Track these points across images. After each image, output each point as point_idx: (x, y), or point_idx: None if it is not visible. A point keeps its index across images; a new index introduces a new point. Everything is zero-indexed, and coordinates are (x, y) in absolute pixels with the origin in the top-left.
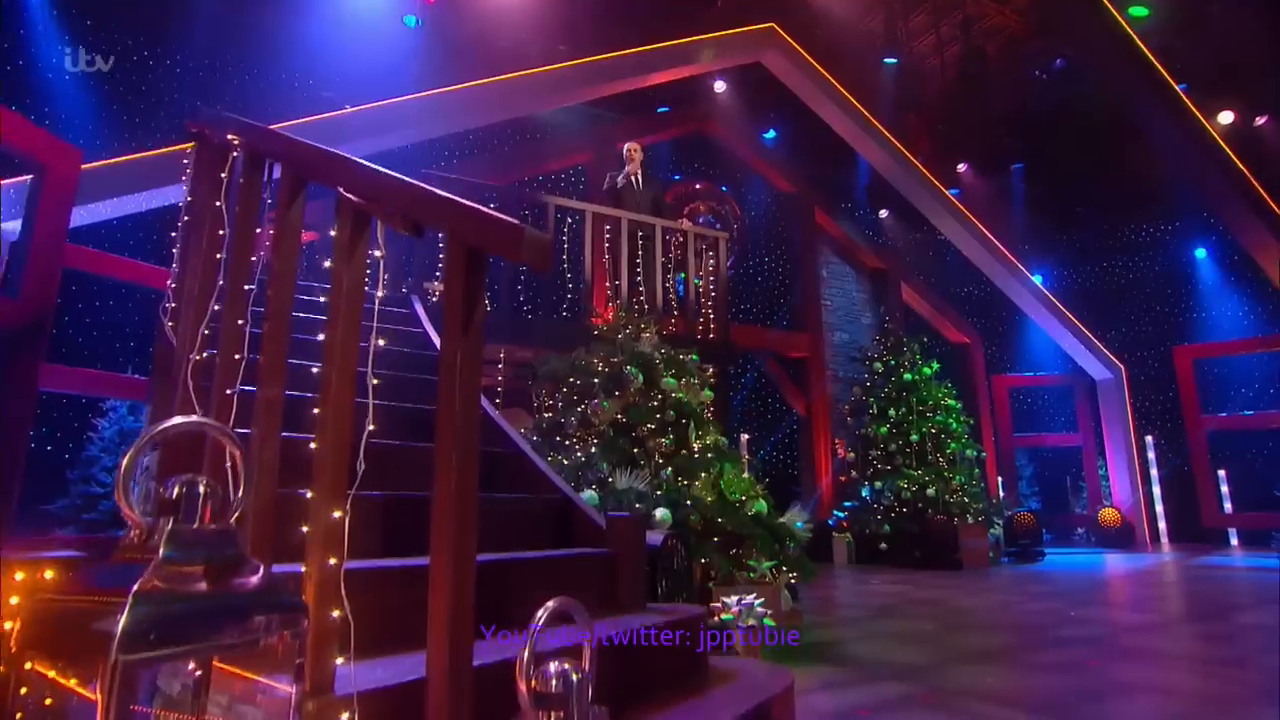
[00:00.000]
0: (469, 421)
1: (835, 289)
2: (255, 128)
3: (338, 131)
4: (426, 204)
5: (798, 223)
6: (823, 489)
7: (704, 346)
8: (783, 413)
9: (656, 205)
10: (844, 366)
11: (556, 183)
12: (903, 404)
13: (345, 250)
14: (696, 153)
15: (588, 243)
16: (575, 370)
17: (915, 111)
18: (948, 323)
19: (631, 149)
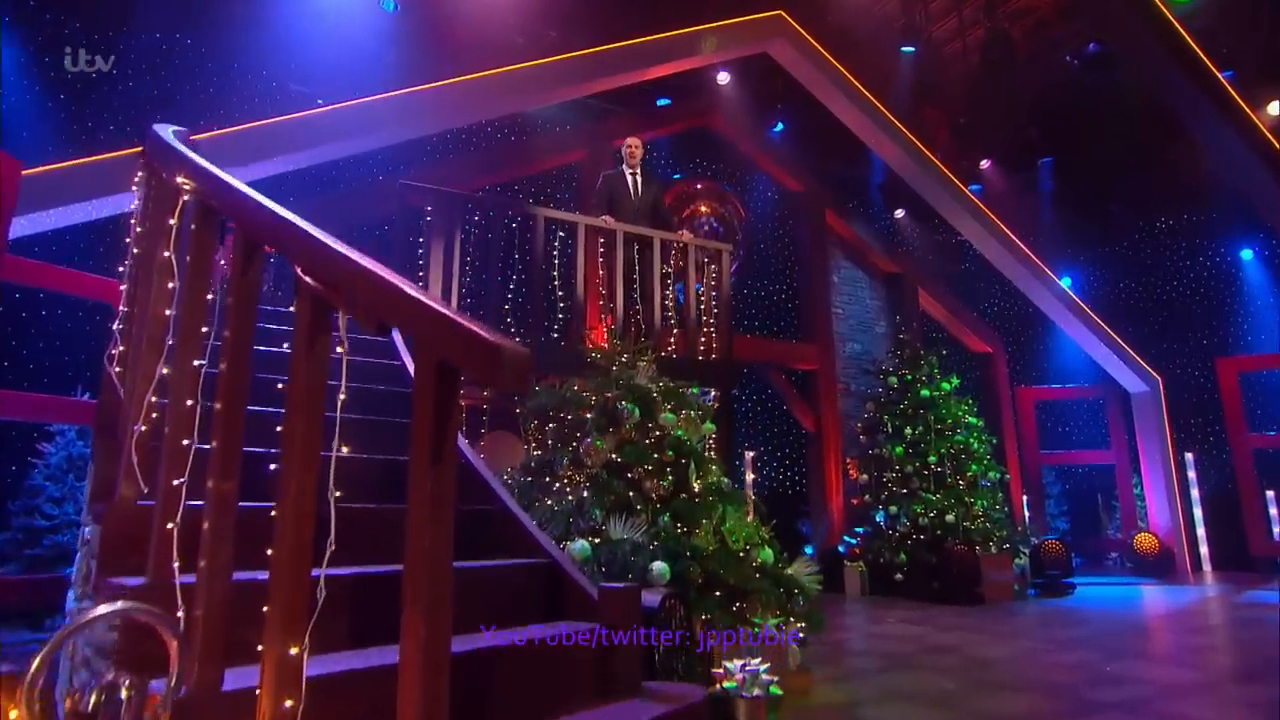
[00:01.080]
0: (441, 561)
1: (847, 296)
2: (207, 175)
3: (308, 133)
4: (394, 303)
5: (806, 224)
6: (833, 512)
7: (705, 367)
8: (789, 428)
9: (656, 209)
10: (856, 379)
11: (547, 183)
12: (919, 422)
13: (304, 339)
14: (698, 149)
15: (580, 257)
16: (566, 403)
17: (934, 103)
18: (968, 331)
19: (632, 145)
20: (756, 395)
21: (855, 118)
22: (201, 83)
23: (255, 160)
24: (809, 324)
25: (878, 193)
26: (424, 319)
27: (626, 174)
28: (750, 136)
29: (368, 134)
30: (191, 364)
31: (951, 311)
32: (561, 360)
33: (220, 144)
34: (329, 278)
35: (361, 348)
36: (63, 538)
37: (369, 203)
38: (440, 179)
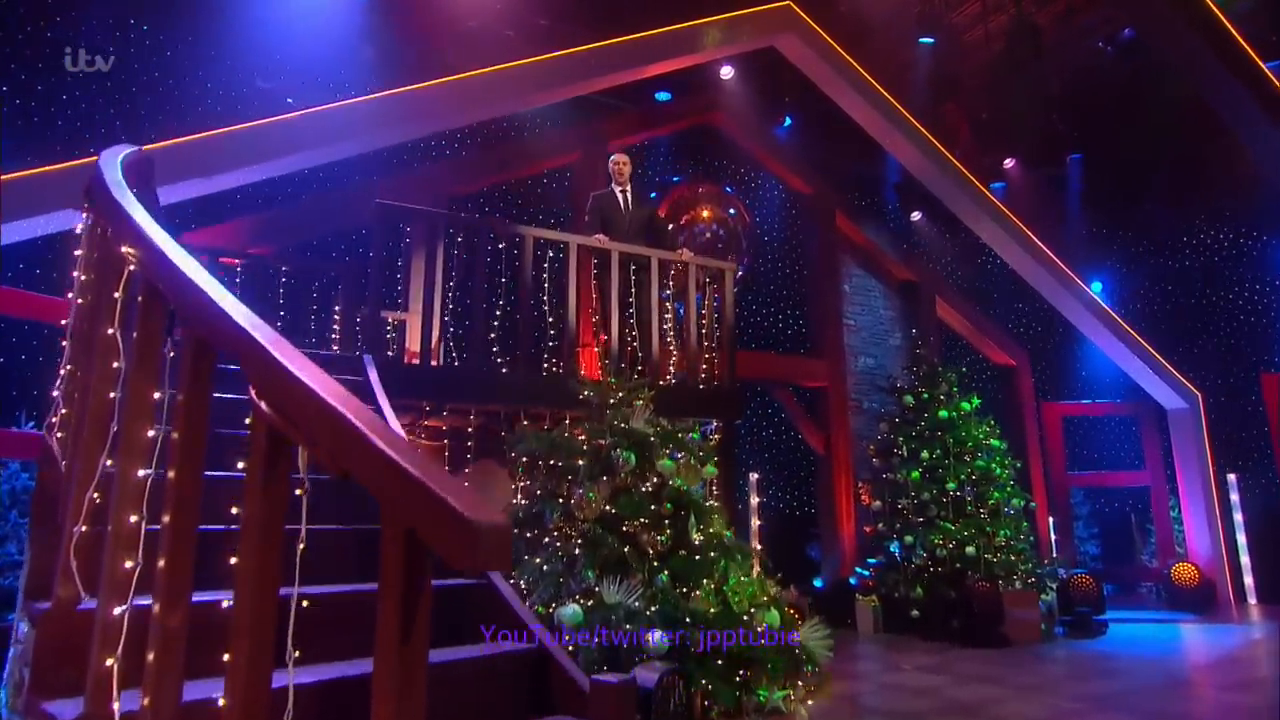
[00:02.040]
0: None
1: (859, 306)
2: (155, 251)
3: (277, 139)
4: (360, 452)
5: (816, 228)
6: (844, 540)
7: (707, 397)
8: (797, 448)
9: (651, 226)
10: (869, 396)
11: (537, 186)
12: (937, 445)
13: (259, 471)
14: (699, 149)
15: (572, 280)
16: (556, 448)
17: (954, 98)
18: (990, 342)
19: (620, 162)
20: (761, 413)
21: (868, 115)
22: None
23: (219, 171)
24: (818, 337)
25: (892, 194)
26: (392, 477)
27: (616, 192)
28: (756, 135)
29: (344, 140)
30: (135, 474)
31: (972, 322)
32: (553, 393)
33: (179, 153)
34: (288, 409)
35: None
36: (5, 580)
37: (342, 210)
38: (420, 184)
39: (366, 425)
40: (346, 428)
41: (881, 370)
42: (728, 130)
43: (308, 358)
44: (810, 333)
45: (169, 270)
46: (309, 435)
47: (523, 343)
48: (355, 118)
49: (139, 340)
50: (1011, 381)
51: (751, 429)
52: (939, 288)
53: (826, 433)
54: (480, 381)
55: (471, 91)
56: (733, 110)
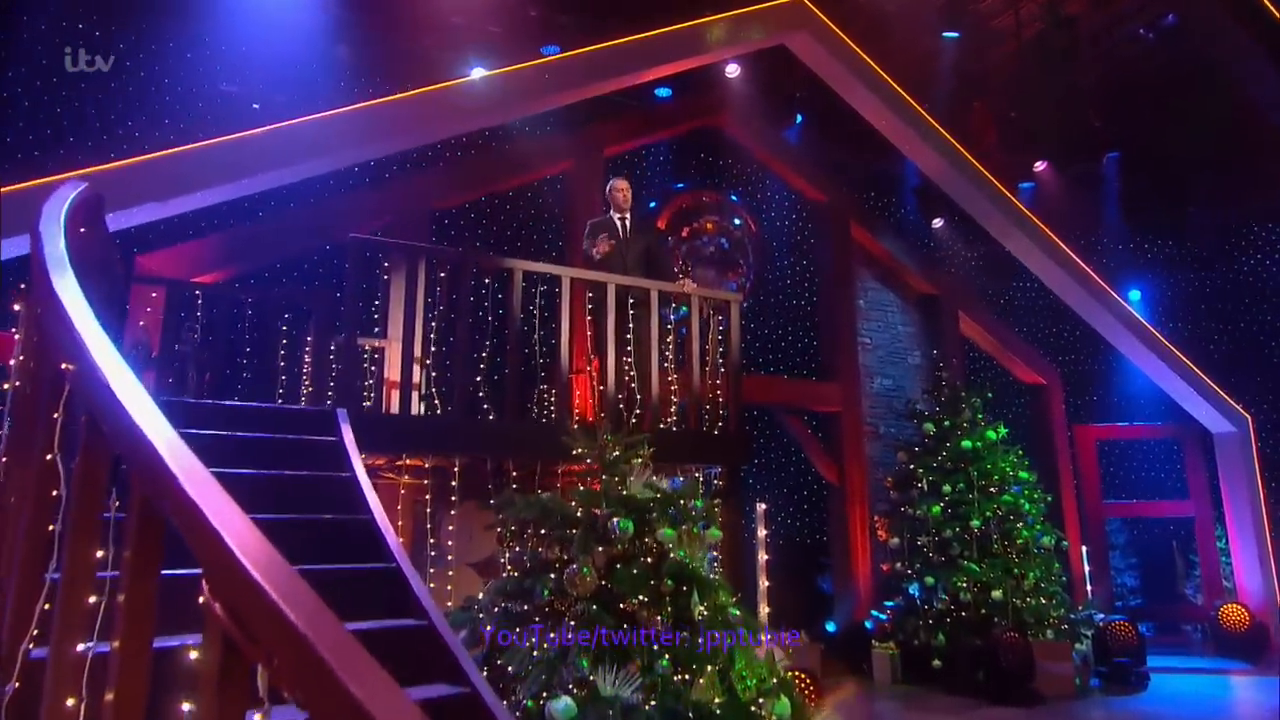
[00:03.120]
0: None
1: (876, 323)
2: (97, 380)
3: (242, 159)
4: (325, 687)
5: (828, 238)
6: (859, 579)
7: (711, 441)
8: (808, 478)
9: (651, 258)
10: (886, 420)
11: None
12: (960, 477)
13: (213, 684)
14: (702, 154)
15: (565, 319)
16: (548, 515)
17: (981, 96)
18: (1018, 359)
19: (620, 189)
20: (769, 440)
21: (885, 116)
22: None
23: (177, 193)
24: (830, 357)
25: (911, 200)
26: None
27: (615, 219)
28: (763, 138)
29: (316, 158)
30: (72, 650)
31: (998, 337)
32: (544, 443)
33: (131, 177)
34: (246, 617)
35: (300, 458)
36: None
37: (317, 227)
38: (400, 198)
39: (342, 660)
40: (317, 663)
41: (899, 392)
42: (733, 133)
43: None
44: (822, 353)
45: (110, 408)
46: (267, 653)
47: (511, 387)
48: (329, 134)
49: (79, 484)
50: (1041, 402)
51: (759, 457)
52: (962, 301)
53: (840, 462)
54: (465, 432)
55: (457, 102)
56: (739, 111)
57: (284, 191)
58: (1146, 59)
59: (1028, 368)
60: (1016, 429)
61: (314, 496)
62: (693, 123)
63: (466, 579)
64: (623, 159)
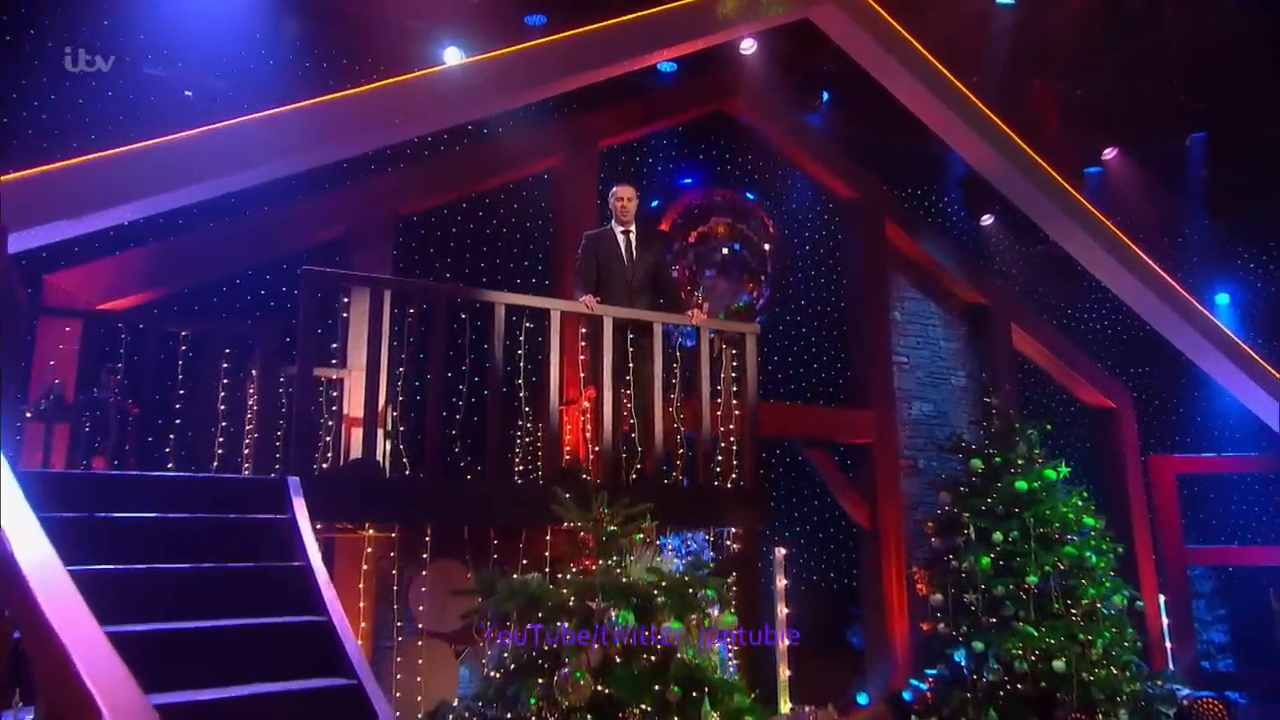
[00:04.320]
0: None
1: (914, 338)
2: None
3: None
4: None
5: (860, 241)
6: (895, 640)
7: (725, 499)
8: (835, 520)
9: (658, 279)
10: (925, 453)
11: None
12: (1013, 523)
13: None
14: (713, 145)
15: (554, 356)
16: (533, 603)
17: (1041, 73)
18: (1081, 379)
19: (623, 197)
20: (790, 475)
21: (926, 99)
22: None
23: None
24: (861, 380)
25: (956, 194)
26: None
27: (617, 233)
28: (784, 125)
29: (260, 164)
30: None
31: (1058, 354)
32: (530, 509)
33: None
34: None
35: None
36: None
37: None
38: (362, 201)
39: None
40: None
41: (942, 420)
42: (748, 119)
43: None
44: (851, 374)
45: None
46: None
47: (492, 441)
48: (276, 137)
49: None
50: (1109, 429)
51: (778, 495)
52: (1016, 312)
53: (871, 502)
54: (439, 496)
55: (428, 96)
56: (755, 94)
57: (223, 196)
58: (1239, 23)
59: (1094, 389)
60: (1080, 462)
61: (258, 595)
62: (701, 108)
63: (439, 657)
64: (619, 152)
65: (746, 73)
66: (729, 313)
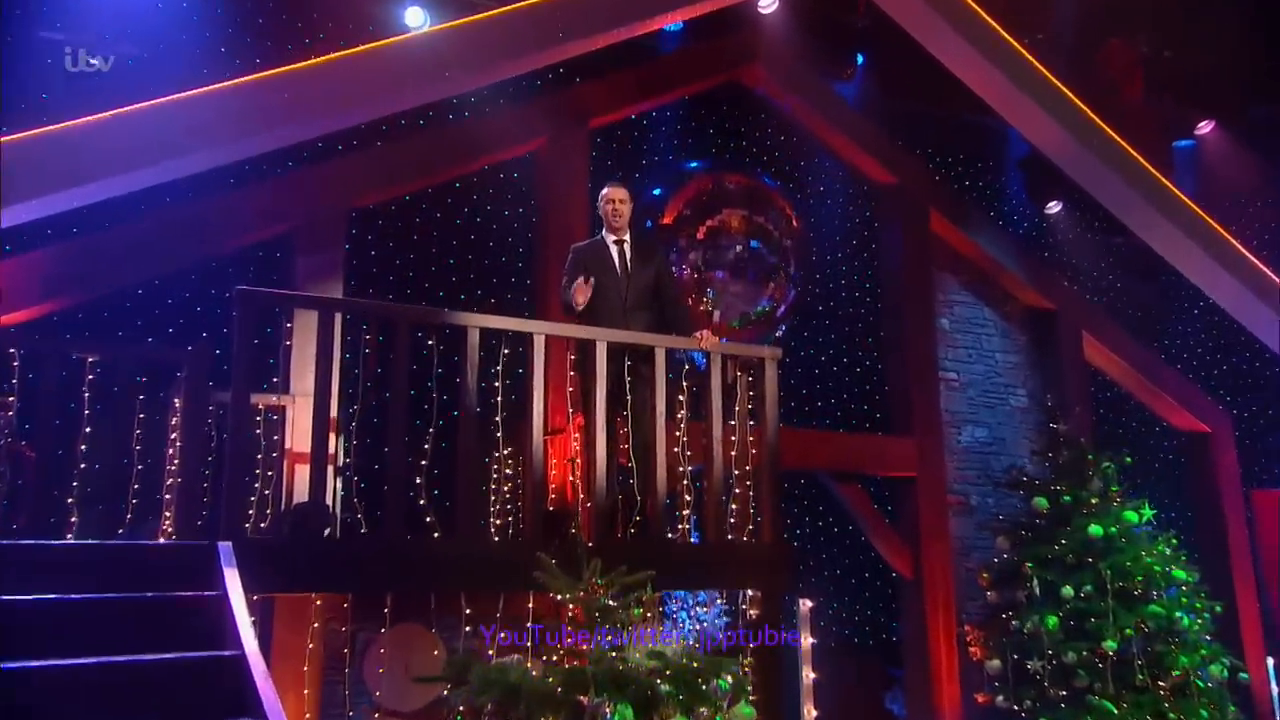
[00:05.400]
0: None
1: (965, 350)
2: None
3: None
4: None
5: (900, 235)
6: (943, 712)
7: (740, 556)
8: (869, 565)
9: (660, 295)
10: (979, 488)
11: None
12: (1087, 576)
13: None
14: (725, 122)
15: (537, 392)
16: (512, 695)
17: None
18: (1168, 397)
19: (615, 200)
20: (815, 512)
21: (980, 65)
22: None
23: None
24: (901, 401)
25: (1016, 178)
26: None
27: (609, 244)
28: (810, 97)
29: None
30: None
31: (1139, 367)
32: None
33: None
34: None
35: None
36: None
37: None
38: (304, 194)
39: None
40: None
41: (998, 448)
42: (768, 92)
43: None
44: (889, 394)
45: None
46: None
47: (463, 490)
48: (205, 120)
49: None
50: (1203, 458)
51: (801, 534)
52: (1088, 318)
53: (914, 547)
54: (400, 558)
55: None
56: (776, 61)
57: (140, 190)
58: None
59: (1184, 409)
60: (1167, 500)
61: (181, 698)
62: (712, 78)
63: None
64: (615, 132)
65: (766, 35)
66: (744, 321)
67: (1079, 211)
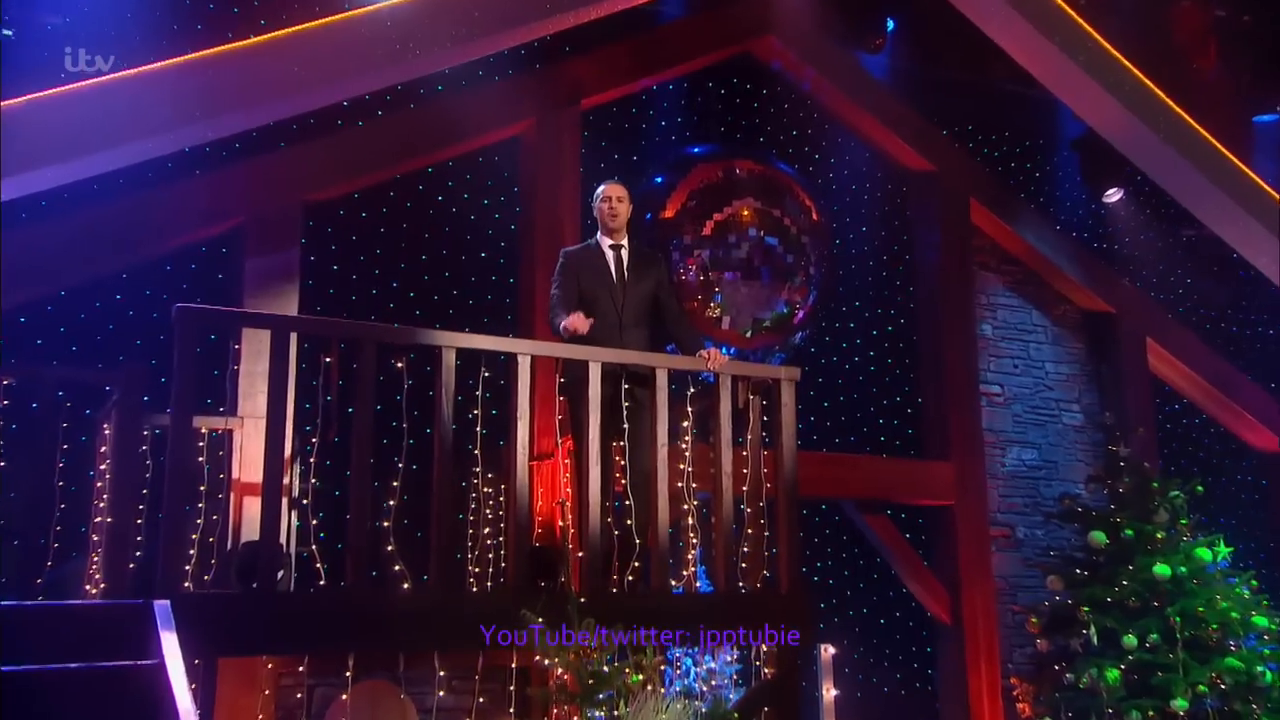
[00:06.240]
0: None
1: (1011, 360)
2: None
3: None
4: None
5: (935, 228)
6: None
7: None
8: (902, 610)
9: (661, 309)
10: (1027, 519)
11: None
12: (1152, 623)
13: None
14: (737, 101)
15: (521, 418)
16: None
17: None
18: (1248, 415)
19: (611, 198)
20: (838, 545)
21: (1027, 36)
22: None
23: None
24: (937, 420)
25: (1069, 162)
26: None
27: (605, 248)
28: (833, 71)
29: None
30: None
31: (1213, 379)
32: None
33: None
34: None
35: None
36: None
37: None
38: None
39: None
40: None
41: (1049, 473)
42: (785, 66)
43: None
44: (924, 411)
45: None
46: None
47: (438, 534)
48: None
49: None
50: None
51: (821, 575)
52: (1153, 323)
53: (953, 587)
54: (363, 613)
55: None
56: (794, 31)
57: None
58: None
59: (1264, 427)
60: (1246, 534)
61: None
62: (721, 51)
63: None
64: (610, 112)
65: (780, 5)
66: (757, 328)
67: (1142, 200)
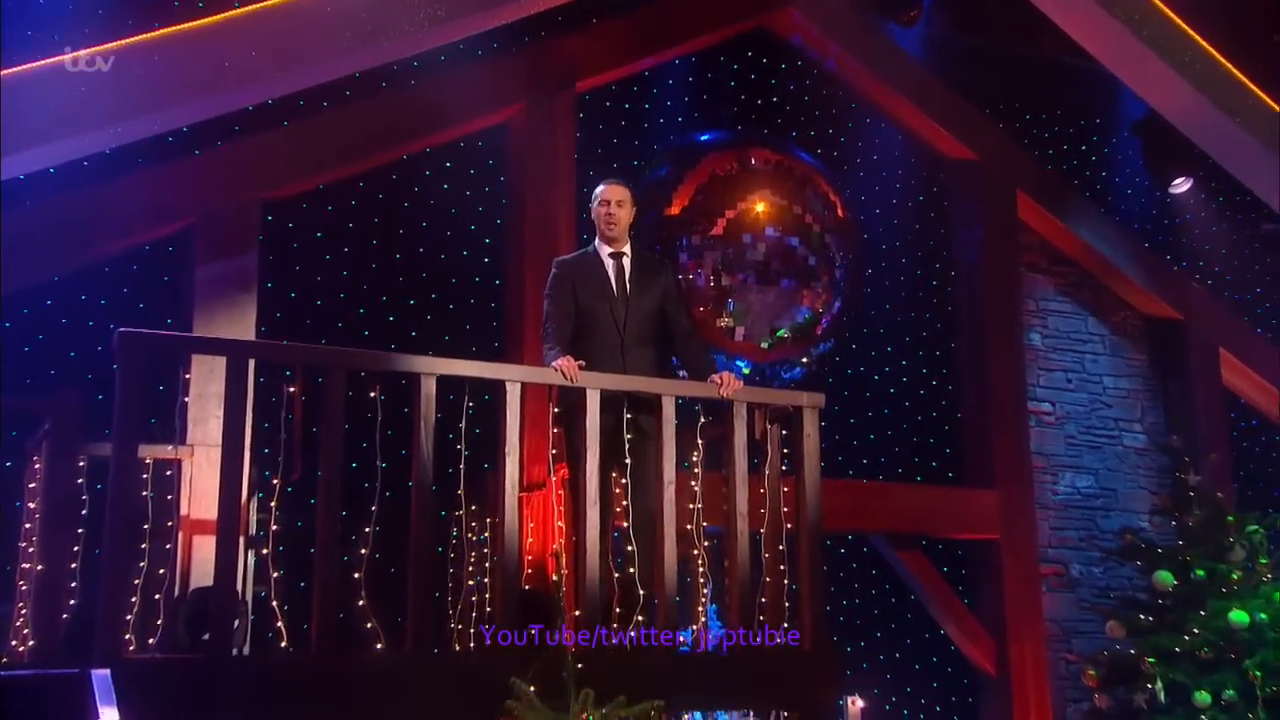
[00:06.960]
0: None
1: (1063, 374)
2: None
3: None
4: None
5: (978, 226)
6: None
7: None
8: (938, 653)
9: (668, 325)
10: (1082, 554)
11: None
12: (1228, 676)
13: None
14: (752, 82)
15: (510, 453)
16: None
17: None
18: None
19: (612, 200)
20: (868, 583)
21: (1084, 10)
22: None
23: None
24: (979, 443)
25: (1129, 148)
26: None
27: (604, 257)
28: (862, 48)
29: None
30: None
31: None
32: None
33: None
34: None
35: None
36: None
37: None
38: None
39: None
40: None
41: (1107, 502)
42: (805, 42)
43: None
44: (965, 433)
45: None
46: None
47: (415, 588)
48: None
49: None
50: None
51: (849, 617)
52: (1226, 331)
53: (998, 632)
54: (331, 677)
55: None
56: (815, 3)
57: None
58: None
59: None
60: None
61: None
62: (733, 25)
63: None
64: (608, 96)
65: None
66: (775, 338)
67: (1213, 190)
